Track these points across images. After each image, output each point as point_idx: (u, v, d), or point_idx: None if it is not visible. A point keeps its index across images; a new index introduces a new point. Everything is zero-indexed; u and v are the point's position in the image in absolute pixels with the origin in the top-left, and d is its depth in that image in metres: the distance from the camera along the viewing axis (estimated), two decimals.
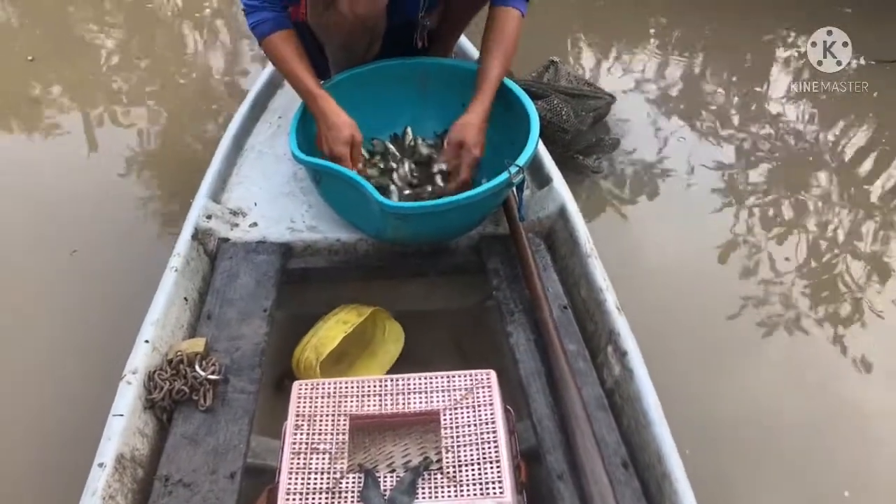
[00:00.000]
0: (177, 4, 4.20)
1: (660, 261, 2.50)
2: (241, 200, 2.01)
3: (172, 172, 2.86)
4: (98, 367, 1.89)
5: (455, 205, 1.64)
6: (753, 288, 2.43)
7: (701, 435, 1.88)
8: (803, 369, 2.17)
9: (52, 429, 1.92)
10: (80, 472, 1.30)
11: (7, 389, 2.03)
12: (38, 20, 3.97)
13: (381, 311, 1.91)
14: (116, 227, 2.58)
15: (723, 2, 4.29)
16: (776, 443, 1.95)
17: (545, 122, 2.62)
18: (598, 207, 2.77)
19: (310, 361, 1.75)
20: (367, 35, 1.96)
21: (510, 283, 1.77)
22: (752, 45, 3.99)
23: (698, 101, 3.51)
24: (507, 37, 1.87)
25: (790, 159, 3.13)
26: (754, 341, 2.25)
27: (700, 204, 2.81)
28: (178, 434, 1.39)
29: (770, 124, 3.33)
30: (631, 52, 3.90)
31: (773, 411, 2.02)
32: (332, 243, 1.91)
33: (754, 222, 2.73)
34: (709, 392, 2.06)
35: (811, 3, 4.15)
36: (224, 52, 3.76)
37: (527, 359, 1.57)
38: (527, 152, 1.72)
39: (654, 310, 2.20)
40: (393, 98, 2.06)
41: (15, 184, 2.80)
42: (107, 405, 1.39)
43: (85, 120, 3.19)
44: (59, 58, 3.63)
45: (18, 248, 2.49)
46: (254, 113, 2.35)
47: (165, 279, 1.67)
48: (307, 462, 1.26)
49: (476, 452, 1.27)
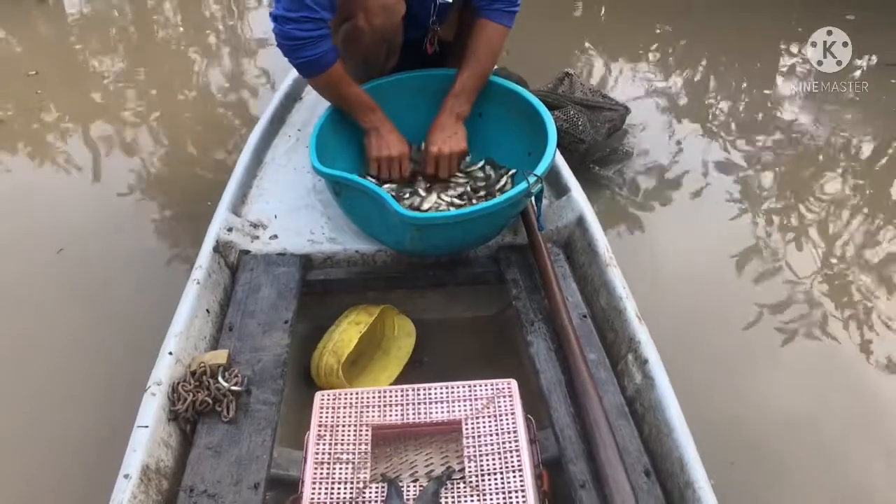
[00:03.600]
0: (183, 31, 4.24)
1: (677, 267, 2.50)
2: (262, 213, 2.02)
3: (185, 193, 2.89)
4: (120, 378, 1.92)
5: (474, 215, 1.65)
6: (772, 293, 2.41)
7: (723, 442, 1.86)
8: (825, 375, 2.16)
9: (77, 440, 1.94)
10: (103, 483, 1.31)
11: (33, 399, 2.06)
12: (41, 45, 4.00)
13: (389, 309, 1.94)
14: (137, 243, 2.63)
15: (730, 9, 4.31)
16: (800, 449, 1.93)
17: (561, 132, 2.63)
18: (615, 216, 2.77)
19: (331, 366, 1.77)
20: (385, 47, 1.99)
21: (529, 292, 1.78)
22: (761, 52, 4.01)
23: (711, 107, 3.53)
24: (479, 45, 1.91)
25: (804, 164, 3.12)
26: (774, 347, 2.23)
27: (716, 210, 2.82)
28: (202, 445, 1.40)
29: (782, 129, 3.33)
30: (641, 60, 3.94)
31: (796, 417, 2.01)
32: (351, 254, 1.92)
33: (770, 228, 2.73)
34: (730, 398, 2.05)
35: (818, 8, 4.16)
36: (230, 74, 3.79)
37: (547, 368, 1.57)
38: (545, 162, 1.72)
39: (673, 316, 2.20)
40: (413, 109, 2.07)
41: (36, 205, 2.85)
42: (127, 416, 1.41)
43: (93, 144, 3.21)
44: (62, 81, 3.65)
45: (38, 263, 2.52)
46: (273, 126, 2.37)
47: (188, 291, 1.68)
48: (330, 472, 1.27)
49: (498, 461, 1.27)
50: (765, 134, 3.29)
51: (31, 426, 1.99)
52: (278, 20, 1.71)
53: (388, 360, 1.97)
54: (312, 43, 1.74)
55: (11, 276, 2.47)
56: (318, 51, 1.75)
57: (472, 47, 1.91)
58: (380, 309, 1.87)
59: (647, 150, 3.11)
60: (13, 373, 2.13)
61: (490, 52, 1.92)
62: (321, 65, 1.79)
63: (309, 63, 1.78)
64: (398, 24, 1.91)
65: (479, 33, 1.91)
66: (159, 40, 4.07)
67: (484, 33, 1.91)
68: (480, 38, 1.91)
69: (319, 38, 1.74)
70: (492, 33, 1.91)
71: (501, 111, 2.00)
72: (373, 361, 1.98)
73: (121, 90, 3.55)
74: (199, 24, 4.24)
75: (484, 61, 1.91)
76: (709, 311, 2.34)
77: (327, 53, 1.78)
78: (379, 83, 2.03)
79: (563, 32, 4.18)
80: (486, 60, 1.92)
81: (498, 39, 1.92)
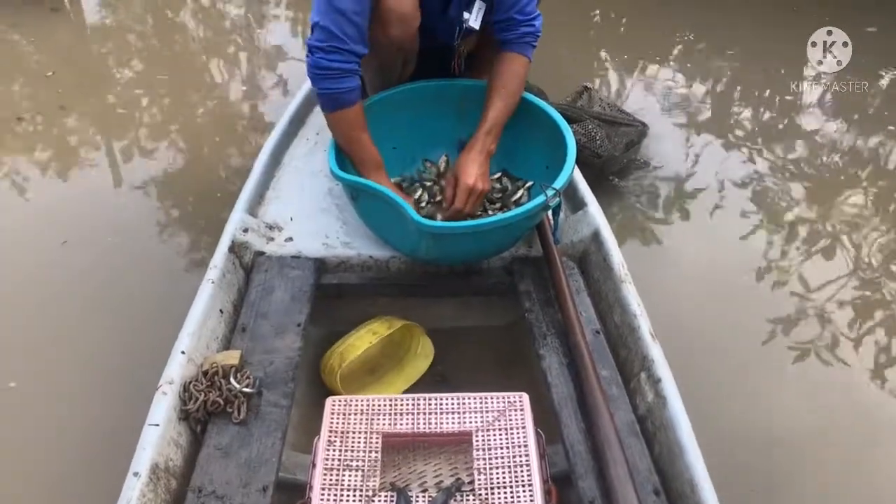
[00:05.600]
0: (202, 38, 4.26)
1: (694, 283, 2.49)
2: (278, 215, 2.03)
3: (200, 193, 2.90)
4: (130, 377, 1.93)
5: (491, 226, 1.65)
6: (788, 311, 2.40)
7: (732, 459, 1.86)
8: (838, 392, 2.14)
9: (85, 435, 1.94)
10: (109, 480, 1.32)
11: (40, 395, 2.06)
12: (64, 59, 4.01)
13: (416, 327, 1.93)
14: (150, 241, 2.65)
15: (750, 18, 4.30)
16: (811, 469, 1.92)
17: (579, 146, 2.61)
18: (632, 228, 2.76)
19: (332, 367, 1.79)
20: (401, 56, 2.00)
21: (542, 305, 1.77)
22: (782, 61, 4.00)
23: (730, 119, 3.51)
24: (508, 79, 1.90)
25: (823, 177, 3.11)
26: (790, 367, 2.22)
27: (734, 224, 2.80)
28: (212, 446, 1.40)
29: (805, 141, 3.32)
30: (660, 70, 3.92)
31: (811, 440, 2.00)
32: (365, 260, 1.92)
33: (790, 244, 2.71)
34: (744, 418, 2.04)
35: (840, 21, 4.14)
36: (247, 81, 3.78)
37: (559, 382, 1.57)
38: (563, 175, 1.72)
39: (687, 330, 2.20)
40: (429, 119, 2.08)
41: (51, 200, 2.87)
42: (137, 416, 1.41)
43: (113, 150, 3.20)
44: (79, 84, 3.64)
45: (56, 265, 2.53)
46: (291, 129, 2.37)
47: (202, 290, 1.68)
48: (339, 479, 1.26)
49: (508, 475, 1.27)
50: (786, 146, 3.28)
51: (37, 422, 2.00)
52: (311, 50, 1.73)
53: (399, 376, 1.97)
54: (337, 76, 1.73)
55: (22, 269, 2.49)
56: (341, 86, 1.74)
57: (502, 82, 1.89)
58: (402, 323, 1.88)
59: (666, 161, 3.09)
60: (23, 366, 2.14)
61: (520, 85, 1.92)
62: (341, 101, 1.77)
63: (330, 96, 1.77)
64: (414, 34, 1.91)
65: (509, 67, 1.90)
66: (178, 48, 4.07)
67: (513, 68, 1.90)
68: (511, 72, 1.90)
69: (345, 73, 1.73)
70: (520, 67, 1.91)
71: (520, 122, 2.00)
72: (388, 374, 1.98)
73: (138, 94, 3.55)
74: (218, 32, 4.25)
75: (515, 95, 1.91)
76: (724, 327, 2.32)
77: (350, 91, 1.76)
78: (395, 92, 2.04)
79: (582, 43, 4.17)
80: (517, 94, 1.92)
81: (525, 72, 1.93)
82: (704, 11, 4.46)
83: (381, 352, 1.97)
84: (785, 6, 4.44)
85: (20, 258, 2.54)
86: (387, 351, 1.98)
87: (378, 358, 1.97)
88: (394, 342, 1.97)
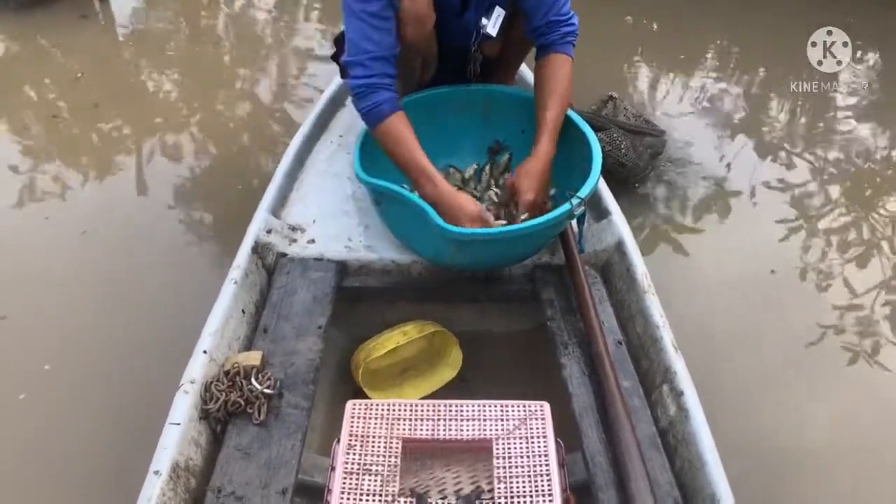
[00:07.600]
0: (233, 42, 4.29)
1: (717, 293, 2.45)
2: (300, 217, 2.03)
3: (225, 195, 2.91)
4: (150, 376, 1.94)
5: (515, 234, 1.64)
6: (818, 322, 2.37)
7: (757, 474, 1.84)
8: (874, 406, 2.11)
9: (105, 433, 1.96)
10: (128, 478, 1.33)
11: (72, 392, 2.08)
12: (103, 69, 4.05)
13: (450, 337, 1.93)
14: (175, 239, 2.68)
15: (784, 21, 4.26)
16: (843, 488, 1.89)
17: (604, 154, 2.60)
18: (655, 238, 2.74)
19: (357, 361, 1.81)
20: (419, 59, 2.00)
21: (564, 314, 1.76)
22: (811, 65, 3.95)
23: (760, 122, 3.47)
24: (560, 81, 1.88)
25: (859, 180, 3.06)
26: (818, 377, 2.19)
27: (761, 232, 2.77)
28: (232, 446, 1.40)
29: (837, 143, 3.27)
30: (690, 74, 3.88)
31: (840, 451, 1.97)
32: (386, 264, 1.92)
33: (819, 253, 2.68)
34: (768, 431, 2.01)
35: (878, 34, 4.10)
36: (275, 85, 3.79)
37: (580, 392, 1.55)
38: (589, 184, 1.71)
39: (709, 339, 2.18)
40: (455, 124, 2.08)
41: (79, 196, 2.91)
42: (157, 415, 1.42)
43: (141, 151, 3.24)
44: (110, 90, 3.68)
45: (83, 265, 2.55)
46: (315, 131, 2.38)
47: (224, 291, 1.69)
48: (359, 483, 1.26)
49: (528, 484, 1.26)
50: (818, 151, 3.24)
51: (57, 418, 2.01)
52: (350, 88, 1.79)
53: (423, 382, 1.97)
54: (368, 90, 1.74)
55: (39, 262, 2.53)
56: (370, 101, 1.75)
57: (553, 85, 1.87)
58: (434, 329, 1.89)
59: (692, 168, 3.07)
60: (39, 363, 2.16)
61: (570, 86, 1.91)
62: (373, 116, 1.77)
63: (366, 114, 1.78)
64: (430, 35, 1.91)
65: (558, 70, 1.89)
66: (208, 51, 4.11)
67: (563, 70, 1.89)
68: (561, 74, 1.88)
69: (373, 87, 1.74)
70: (568, 67, 1.90)
71: None
72: (415, 378, 1.99)
73: (166, 95, 3.59)
74: (249, 38, 4.27)
75: (567, 97, 1.90)
76: (750, 338, 2.29)
77: (381, 104, 1.75)
78: (421, 96, 2.05)
79: (612, 47, 4.14)
80: (569, 95, 1.90)
81: (572, 72, 1.91)
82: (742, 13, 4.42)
83: (418, 356, 1.98)
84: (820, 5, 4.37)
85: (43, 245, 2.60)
86: (423, 356, 1.98)
87: (412, 360, 1.98)
88: (433, 347, 1.98)
